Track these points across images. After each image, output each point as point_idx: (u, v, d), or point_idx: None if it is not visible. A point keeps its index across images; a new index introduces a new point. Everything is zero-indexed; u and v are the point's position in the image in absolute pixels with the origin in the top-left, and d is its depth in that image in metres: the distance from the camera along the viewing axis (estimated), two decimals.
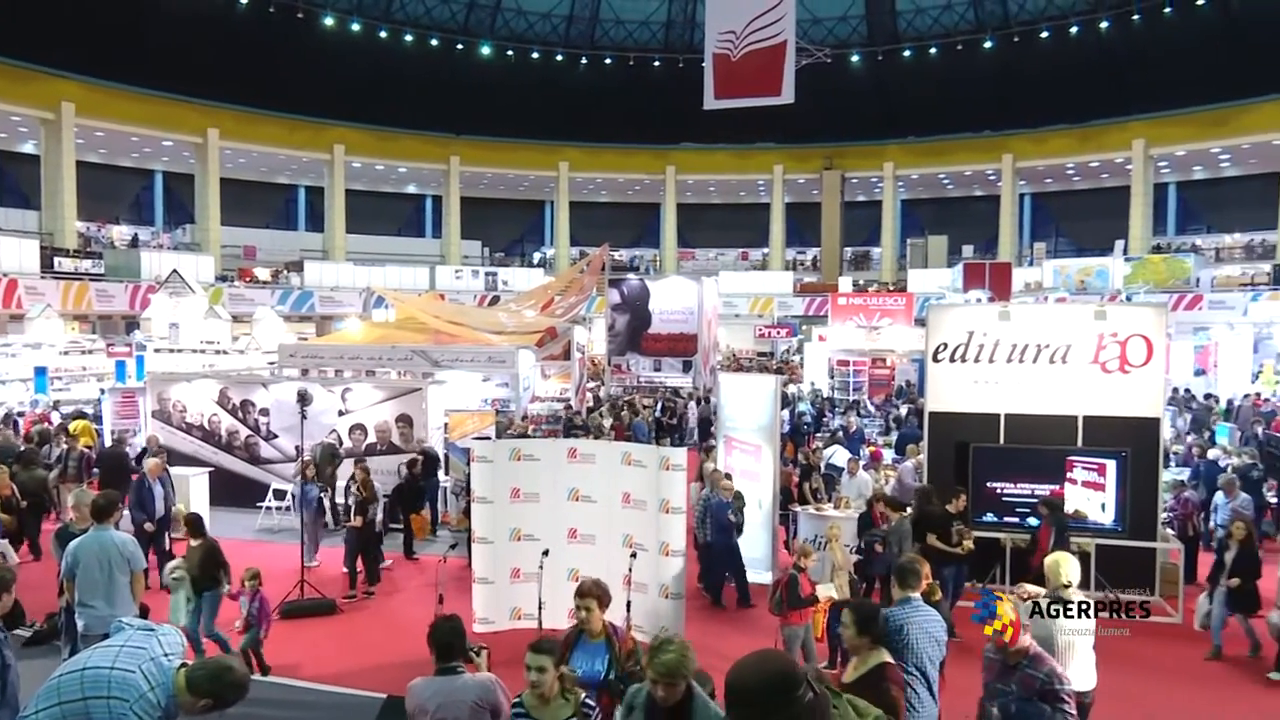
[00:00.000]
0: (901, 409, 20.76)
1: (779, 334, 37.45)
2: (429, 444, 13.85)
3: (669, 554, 8.48)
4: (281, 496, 13.83)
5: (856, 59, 39.77)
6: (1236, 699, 7.81)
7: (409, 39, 38.16)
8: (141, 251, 31.93)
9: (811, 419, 20.45)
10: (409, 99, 38.34)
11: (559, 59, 40.83)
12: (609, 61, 41.14)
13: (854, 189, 45.17)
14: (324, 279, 35.81)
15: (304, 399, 10.95)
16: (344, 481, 12.51)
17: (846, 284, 38.71)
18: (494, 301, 35.40)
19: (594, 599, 5.04)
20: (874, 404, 23.61)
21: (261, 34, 34.40)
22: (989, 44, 37.67)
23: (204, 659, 3.73)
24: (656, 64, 40.90)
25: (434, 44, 38.69)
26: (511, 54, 40.31)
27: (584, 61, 41.20)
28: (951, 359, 10.65)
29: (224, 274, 34.12)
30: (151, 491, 10.63)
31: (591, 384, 25.18)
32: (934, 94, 38.79)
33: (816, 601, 7.88)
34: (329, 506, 12.94)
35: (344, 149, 38.92)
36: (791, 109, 30.68)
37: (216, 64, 33.31)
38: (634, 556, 8.10)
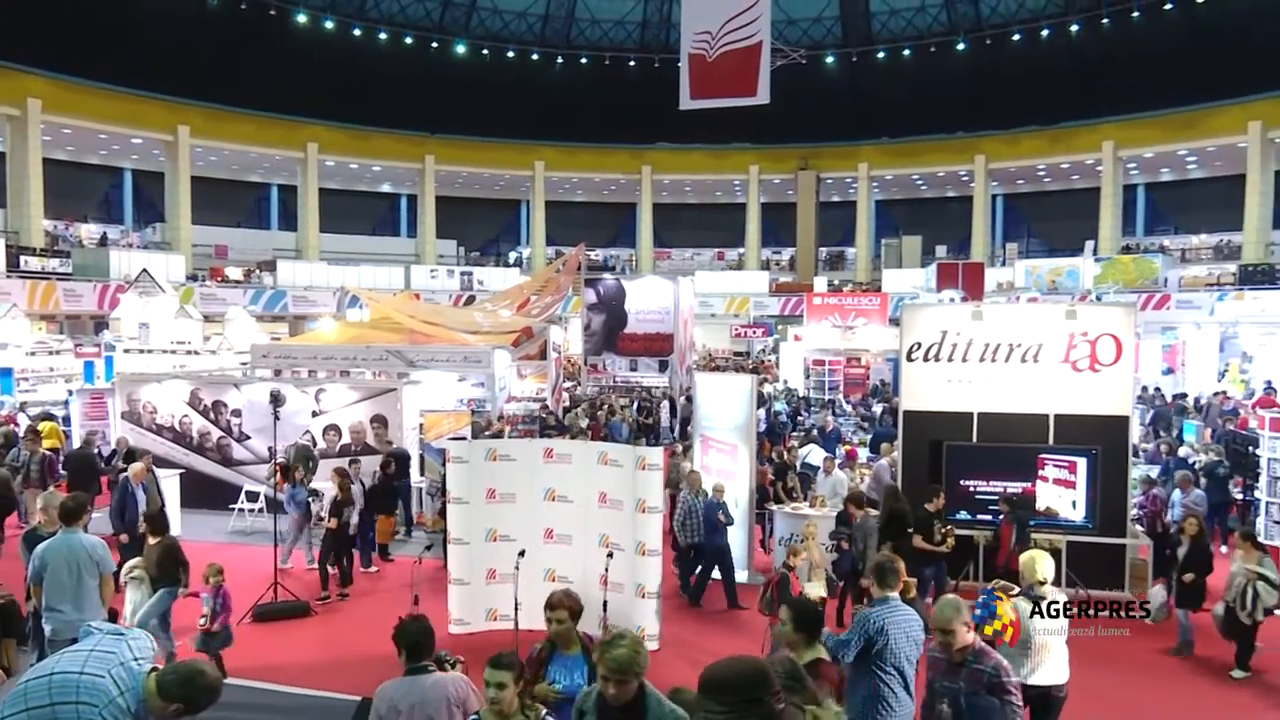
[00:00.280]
0: (876, 408, 20.91)
1: (755, 334, 37.59)
2: (396, 444, 13.76)
3: (645, 554, 8.50)
4: (254, 499, 13.70)
5: (831, 60, 39.96)
6: (1198, 691, 7.95)
7: (383, 37, 37.86)
8: (110, 250, 31.43)
9: (787, 418, 20.55)
10: (383, 97, 38.08)
11: (534, 58, 40.70)
12: (585, 61, 41.08)
13: (829, 189, 45.42)
14: (297, 278, 35.46)
15: (277, 400, 10.84)
16: (322, 483, 12.41)
17: (821, 284, 38.96)
18: (470, 301, 35.25)
19: (565, 610, 4.79)
20: (849, 403, 23.75)
21: (233, 30, 34.00)
22: (961, 46, 38.02)
23: (175, 663, 3.68)
24: (632, 64, 40.90)
25: (408, 42, 38.43)
26: (487, 53, 40.12)
27: (560, 61, 41.10)
28: (925, 358, 10.75)
29: (195, 273, 33.69)
30: (134, 497, 10.36)
31: (568, 384, 25.16)
32: (907, 95, 39.08)
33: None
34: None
35: (317, 147, 38.57)
36: (767, 109, 30.77)
37: (187, 60, 32.86)
38: (610, 556, 8.11)
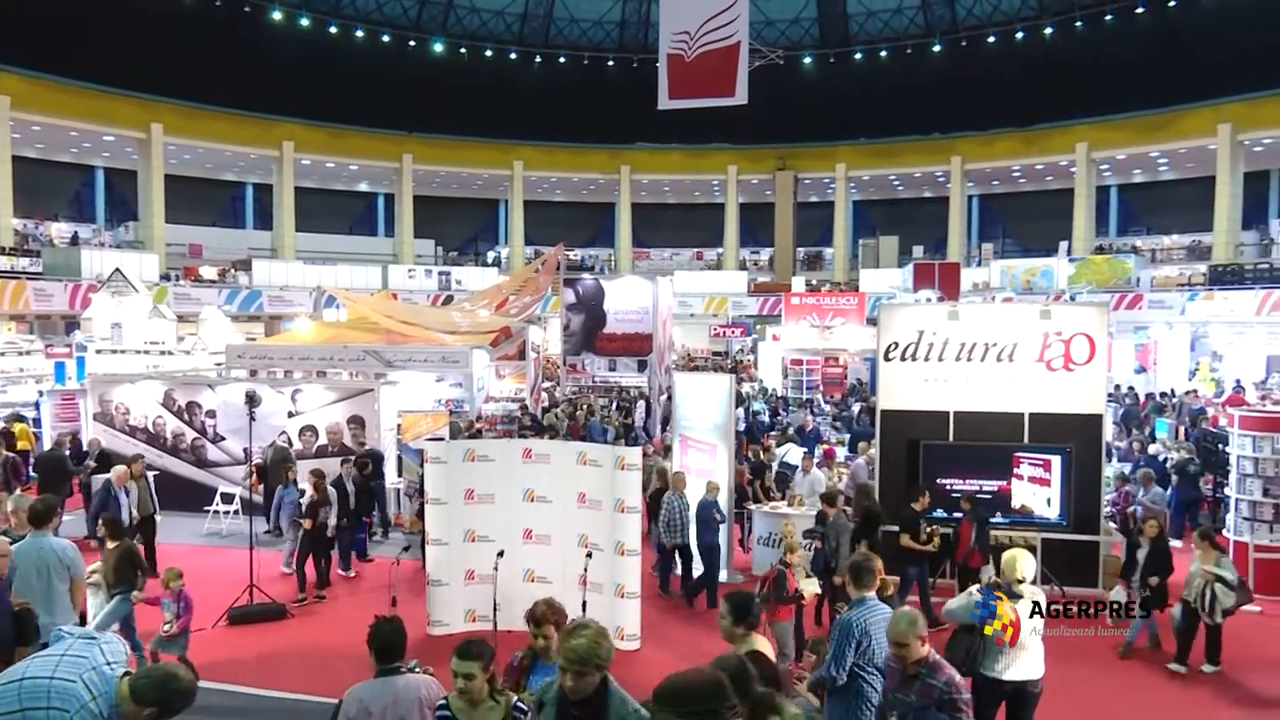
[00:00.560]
0: (854, 407, 21.03)
1: (733, 333, 37.70)
2: (370, 445, 13.68)
3: (624, 553, 8.51)
4: (229, 500, 13.57)
5: (809, 61, 40.14)
6: (1167, 686, 8.06)
7: (360, 34, 37.59)
8: (82, 249, 30.98)
9: (766, 418, 20.63)
10: (360, 95, 37.77)
11: (513, 57, 40.55)
12: (563, 60, 40.99)
13: (806, 190, 45.63)
14: (273, 278, 35.11)
15: (252, 400, 10.75)
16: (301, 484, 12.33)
17: (799, 284, 39.10)
18: (448, 301, 35.08)
19: (552, 625, 4.55)
20: (827, 401, 23.88)
21: (207, 27, 33.60)
22: (937, 48, 38.29)
23: (149, 667, 3.64)
24: (611, 63, 40.87)
25: (385, 40, 38.17)
26: (465, 51, 39.92)
27: (538, 60, 40.97)
28: (902, 358, 10.83)
29: (169, 273, 33.29)
30: (117, 500, 10.21)
31: (547, 384, 25.10)
32: (884, 96, 39.30)
33: (802, 598, 7.94)
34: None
35: (293, 146, 38.21)
36: (745, 110, 30.90)
37: (160, 57, 32.44)
38: (590, 557, 8.10)
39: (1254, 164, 34.89)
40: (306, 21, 36.02)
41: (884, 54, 39.26)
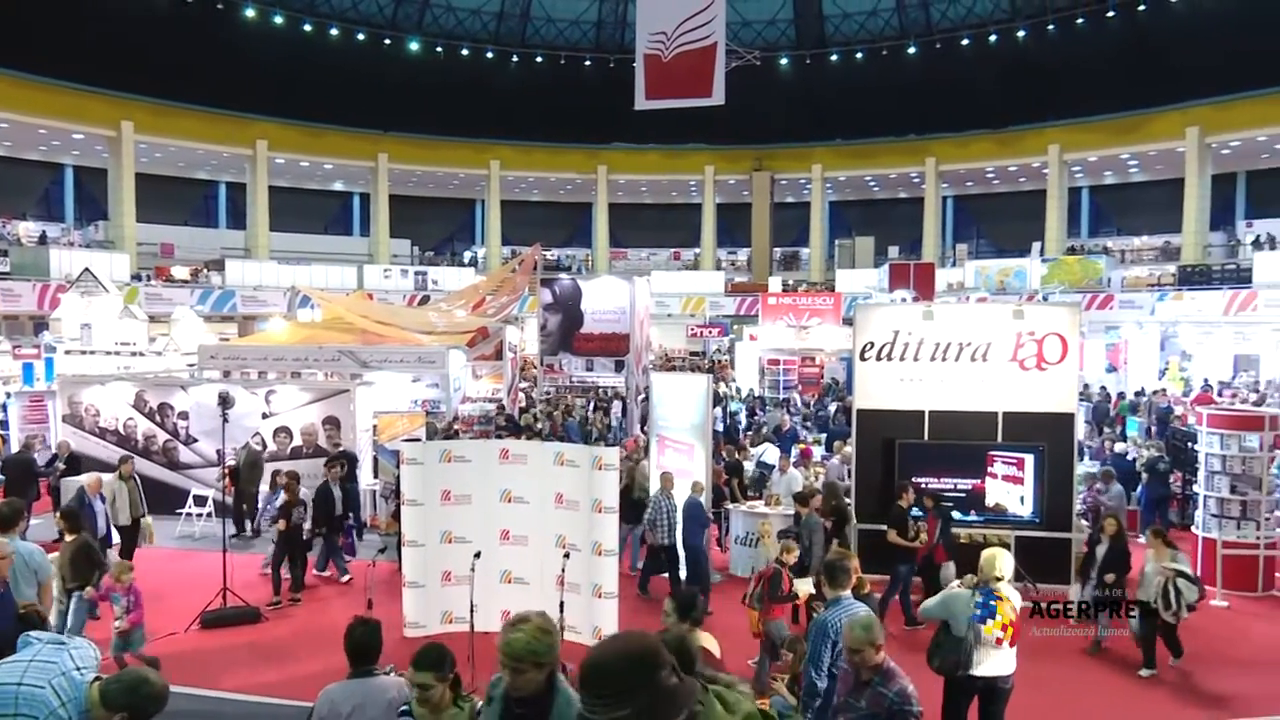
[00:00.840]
0: (830, 407, 21.14)
1: (711, 333, 37.78)
2: (345, 446, 13.58)
3: (602, 554, 8.50)
4: (202, 503, 13.43)
5: (785, 62, 40.31)
6: (1135, 681, 8.17)
7: (334, 33, 37.30)
8: (51, 249, 30.54)
9: (745, 418, 20.70)
10: (335, 94, 37.43)
11: (489, 56, 40.40)
12: (540, 60, 40.88)
13: (783, 190, 45.80)
14: (246, 278, 34.76)
15: (225, 402, 10.64)
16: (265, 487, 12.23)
17: (776, 284, 39.24)
18: (424, 301, 34.89)
19: None
20: (803, 401, 23.98)
21: (179, 24, 33.17)
22: (912, 50, 38.59)
23: (119, 671, 3.60)
24: (588, 63, 40.81)
25: (360, 38, 37.91)
26: (440, 50, 39.72)
27: (515, 60, 40.86)
28: (878, 357, 10.91)
29: (140, 272, 32.84)
30: (91, 508, 10.03)
31: (524, 384, 25.02)
32: (860, 98, 39.55)
33: (797, 597, 7.95)
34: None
35: (267, 144, 37.84)
36: (721, 110, 30.97)
37: (131, 54, 31.92)
38: (567, 557, 8.09)
39: (1221, 166, 35.50)
40: (280, 19, 35.69)
41: (860, 56, 39.51)
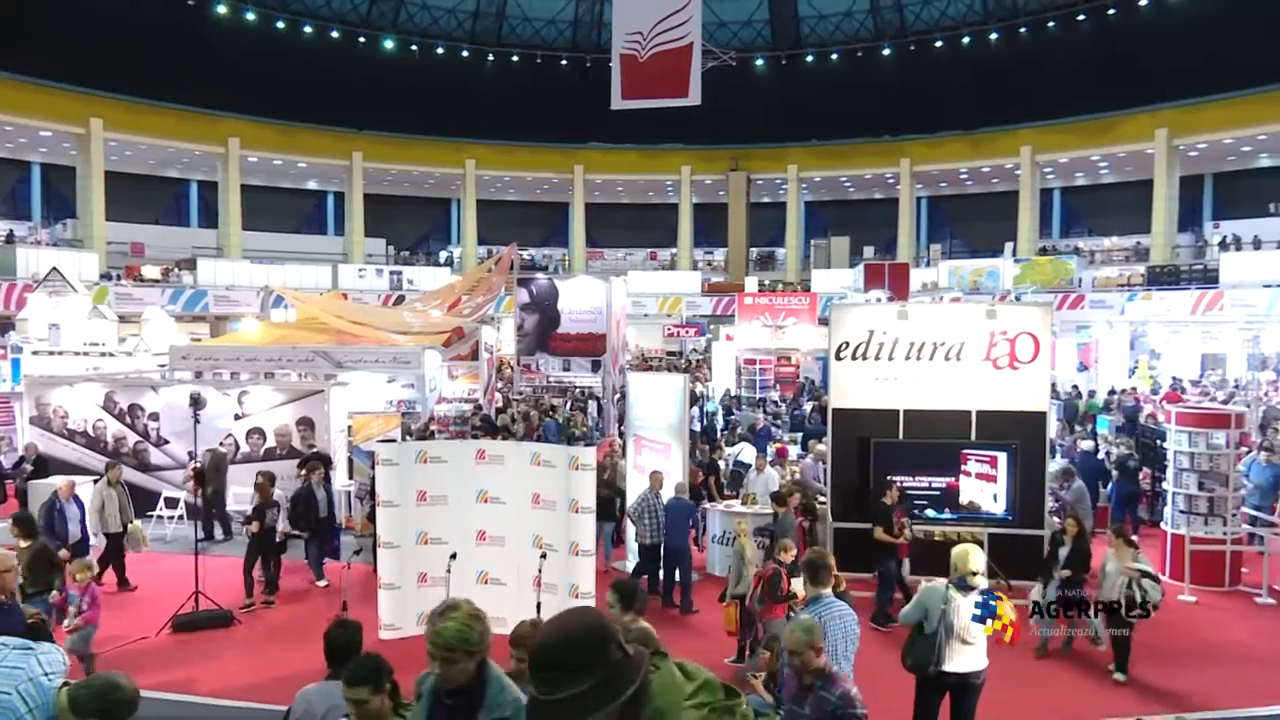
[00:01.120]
0: (806, 406, 21.24)
1: (687, 333, 37.83)
2: (318, 448, 13.48)
3: (579, 554, 8.49)
4: (174, 505, 13.27)
5: (761, 63, 40.47)
6: (1108, 676, 8.27)
7: (308, 30, 36.95)
8: (17, 248, 30.06)
9: (721, 419, 20.75)
10: (309, 92, 37.09)
11: (465, 55, 40.21)
12: (516, 59, 40.76)
13: (759, 190, 45.98)
14: (218, 277, 34.38)
15: (197, 402, 10.54)
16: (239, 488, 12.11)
17: (752, 284, 39.34)
18: (399, 301, 34.66)
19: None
20: (779, 400, 24.08)
21: (149, 20, 32.71)
22: (887, 52, 38.86)
23: (89, 676, 3.54)
24: (564, 63, 40.76)
25: (334, 36, 37.59)
26: (415, 49, 39.48)
27: (490, 58, 40.69)
28: (853, 357, 10.97)
29: (109, 272, 32.38)
30: (63, 513, 9.91)
31: (500, 384, 24.93)
32: (835, 99, 39.77)
33: (795, 596, 7.96)
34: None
35: (239, 142, 37.41)
36: (698, 110, 31.01)
37: (100, 50, 31.47)
38: (544, 557, 8.08)
39: (1189, 168, 36.05)
40: (253, 16, 35.31)
41: (835, 57, 39.71)
